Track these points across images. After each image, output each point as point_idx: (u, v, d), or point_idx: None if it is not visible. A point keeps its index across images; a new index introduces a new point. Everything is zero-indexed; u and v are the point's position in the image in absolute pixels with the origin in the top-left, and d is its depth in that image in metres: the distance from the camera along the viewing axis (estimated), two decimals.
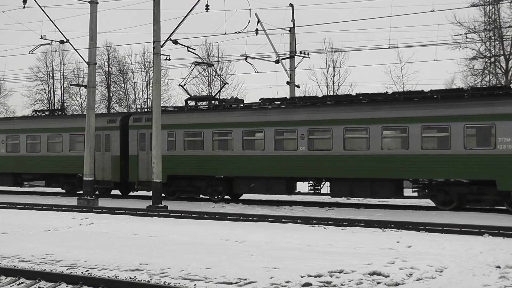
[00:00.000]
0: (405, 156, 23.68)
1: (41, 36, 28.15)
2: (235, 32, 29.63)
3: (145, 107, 53.62)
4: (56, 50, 59.12)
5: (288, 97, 33.77)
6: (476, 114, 22.47)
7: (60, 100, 62.40)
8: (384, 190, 24.56)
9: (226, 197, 28.94)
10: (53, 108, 58.21)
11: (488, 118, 22.07)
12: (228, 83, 43.44)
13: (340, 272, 11.52)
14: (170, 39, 26.43)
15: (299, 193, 28.03)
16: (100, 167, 31.55)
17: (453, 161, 22.78)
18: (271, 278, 11.04)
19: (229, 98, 31.69)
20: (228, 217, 21.28)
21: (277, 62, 34.27)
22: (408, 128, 23.60)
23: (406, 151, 23.69)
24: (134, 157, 30.21)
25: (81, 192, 29.20)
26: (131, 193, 33.52)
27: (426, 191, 24.36)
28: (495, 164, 21.99)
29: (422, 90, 24.67)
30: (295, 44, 34.68)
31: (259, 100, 27.67)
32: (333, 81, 52.90)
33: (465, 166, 22.59)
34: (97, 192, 30.84)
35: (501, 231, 16.64)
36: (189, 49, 27.78)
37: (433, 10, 25.01)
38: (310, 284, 10.74)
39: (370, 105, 24.79)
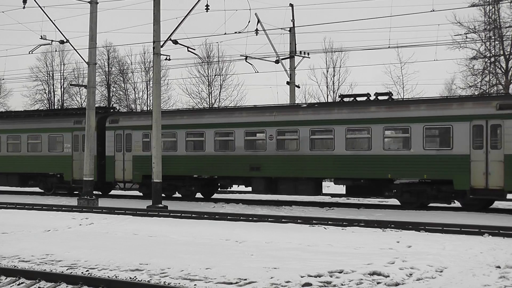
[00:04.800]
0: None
1: (41, 36, 28.16)
2: (235, 32, 29.62)
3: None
4: (56, 50, 59.21)
5: (288, 97, 34.26)
6: (55, 127, 33.14)
7: (60, 100, 62.41)
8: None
9: None
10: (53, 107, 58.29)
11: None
12: None
13: (340, 272, 11.52)
14: (170, 39, 26.42)
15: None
16: None
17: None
18: (271, 278, 11.04)
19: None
20: (228, 217, 21.28)
21: (277, 62, 34.24)
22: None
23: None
24: None
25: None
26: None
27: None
28: (66, 164, 32.62)
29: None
30: (295, 44, 34.65)
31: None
32: (333, 81, 52.98)
33: (50, 163, 32.86)
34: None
35: (501, 231, 16.64)
36: (189, 49, 27.73)
37: (433, 10, 25.00)
38: (310, 284, 10.74)
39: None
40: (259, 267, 11.96)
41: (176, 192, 30.58)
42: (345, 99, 27.02)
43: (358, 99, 26.46)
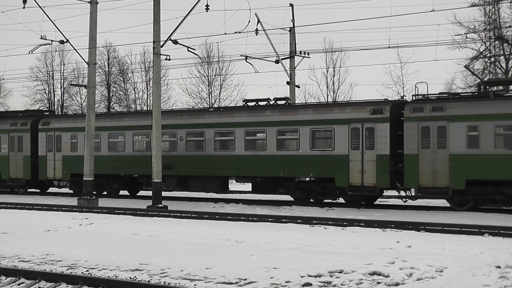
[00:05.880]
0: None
1: (41, 36, 28.18)
2: (235, 32, 29.61)
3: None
4: (56, 50, 58.94)
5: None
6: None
7: (60, 100, 62.40)
8: None
9: None
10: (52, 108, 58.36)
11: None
12: None
13: (340, 272, 11.52)
14: (170, 39, 26.42)
15: None
16: None
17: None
18: (271, 278, 11.04)
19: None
20: (228, 217, 21.29)
21: (277, 62, 34.20)
22: None
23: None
24: None
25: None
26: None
27: None
28: (3, 164, 34.93)
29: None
30: (295, 44, 34.61)
31: None
32: (333, 81, 52.86)
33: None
34: None
35: (501, 231, 16.64)
36: (189, 49, 27.74)
37: (433, 10, 25.00)
38: (310, 284, 10.74)
39: None
40: (259, 267, 11.96)
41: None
42: (249, 103, 29.00)
43: (261, 103, 28.44)
